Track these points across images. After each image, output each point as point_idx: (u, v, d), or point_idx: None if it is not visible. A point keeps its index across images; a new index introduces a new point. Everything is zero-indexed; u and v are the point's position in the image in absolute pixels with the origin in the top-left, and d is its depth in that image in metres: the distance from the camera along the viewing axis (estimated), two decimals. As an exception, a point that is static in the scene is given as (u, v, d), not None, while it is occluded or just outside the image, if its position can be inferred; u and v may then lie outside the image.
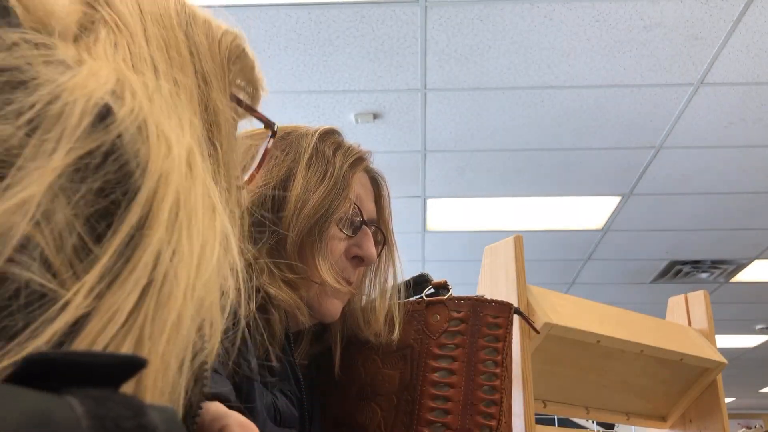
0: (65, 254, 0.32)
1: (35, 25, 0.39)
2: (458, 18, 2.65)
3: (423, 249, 4.91)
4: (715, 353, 1.47)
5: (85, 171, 0.33)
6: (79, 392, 0.27)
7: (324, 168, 0.88)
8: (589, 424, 5.44)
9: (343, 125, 3.41)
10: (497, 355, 0.86)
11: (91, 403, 0.27)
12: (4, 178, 0.30)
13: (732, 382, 9.35)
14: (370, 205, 0.96)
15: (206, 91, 0.48)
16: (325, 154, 0.90)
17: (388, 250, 0.99)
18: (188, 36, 0.49)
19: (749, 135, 3.42)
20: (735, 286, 5.55)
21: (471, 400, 0.83)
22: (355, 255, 0.91)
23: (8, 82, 0.32)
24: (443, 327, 0.88)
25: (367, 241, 0.91)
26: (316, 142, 0.90)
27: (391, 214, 1.00)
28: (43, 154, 0.31)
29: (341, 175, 0.89)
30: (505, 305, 0.90)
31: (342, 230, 0.90)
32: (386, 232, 0.99)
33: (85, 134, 0.33)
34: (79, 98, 0.34)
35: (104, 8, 0.44)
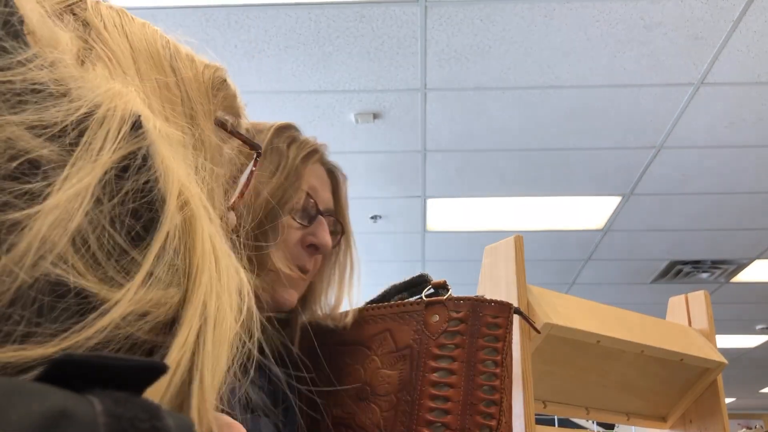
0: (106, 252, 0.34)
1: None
2: (458, 18, 2.64)
3: (423, 249, 4.92)
4: (715, 353, 1.47)
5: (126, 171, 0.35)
6: (101, 393, 0.28)
7: (277, 161, 0.92)
8: (589, 424, 5.45)
9: (343, 125, 3.43)
10: (497, 355, 0.86)
11: (111, 403, 0.28)
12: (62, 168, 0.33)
13: (732, 382, 9.35)
14: (326, 195, 0.99)
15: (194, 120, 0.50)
16: (278, 148, 0.94)
17: (346, 240, 1.03)
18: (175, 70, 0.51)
19: (749, 135, 3.42)
20: (735, 286, 5.55)
21: (471, 400, 0.83)
22: (310, 243, 0.94)
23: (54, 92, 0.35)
24: (443, 327, 0.88)
25: (321, 230, 0.95)
26: (270, 137, 0.94)
27: (347, 205, 1.04)
28: (92, 152, 0.34)
29: (294, 167, 0.92)
30: (504, 305, 0.90)
31: (296, 220, 0.93)
32: (344, 222, 1.02)
33: (126, 137, 0.36)
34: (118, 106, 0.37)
35: (98, 44, 0.45)
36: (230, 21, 2.66)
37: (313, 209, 0.96)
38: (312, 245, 0.94)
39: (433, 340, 0.87)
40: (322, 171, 1.00)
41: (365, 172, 3.83)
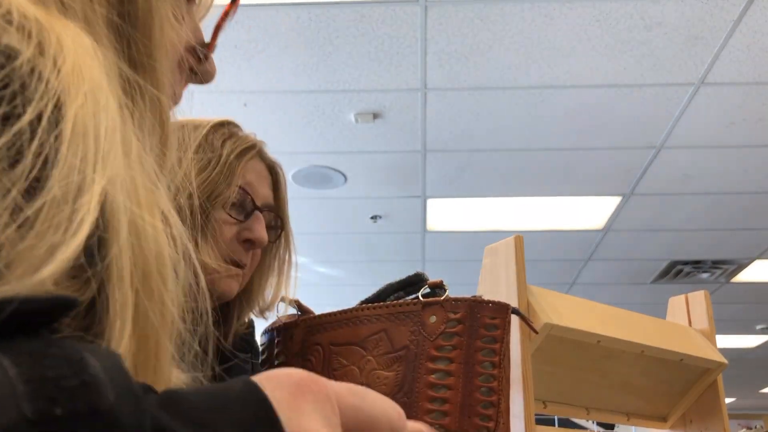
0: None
1: None
2: (458, 18, 2.64)
3: (423, 249, 4.91)
4: (715, 353, 1.47)
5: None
6: (8, 347, 0.25)
7: (209, 157, 0.93)
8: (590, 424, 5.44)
9: (343, 125, 3.43)
10: (495, 357, 0.86)
11: (26, 362, 0.24)
12: None
13: (732, 382, 9.35)
14: (265, 191, 1.00)
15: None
16: (213, 144, 0.95)
17: (286, 235, 1.05)
18: None
19: (749, 135, 3.41)
20: (735, 287, 5.55)
21: (468, 402, 0.83)
22: (246, 239, 0.95)
23: None
24: (440, 328, 0.87)
25: (257, 225, 0.96)
26: (206, 134, 0.96)
27: (287, 201, 1.05)
28: None
29: (226, 163, 0.93)
30: (502, 306, 0.89)
31: (231, 215, 0.94)
32: (283, 217, 1.04)
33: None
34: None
35: None
36: (230, 21, 2.65)
37: (250, 205, 0.96)
38: (248, 240, 0.95)
39: (430, 342, 0.87)
40: (261, 167, 1.01)
41: (365, 172, 3.83)
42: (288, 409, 0.29)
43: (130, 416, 0.25)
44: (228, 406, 0.28)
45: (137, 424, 0.25)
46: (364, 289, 1.06)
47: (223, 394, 0.29)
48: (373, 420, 0.33)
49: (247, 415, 0.28)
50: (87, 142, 0.33)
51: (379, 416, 0.33)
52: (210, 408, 0.28)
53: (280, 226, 1.03)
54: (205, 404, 0.28)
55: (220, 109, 3.23)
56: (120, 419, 0.25)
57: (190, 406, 0.27)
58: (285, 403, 0.29)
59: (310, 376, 0.32)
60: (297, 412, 0.29)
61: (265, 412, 0.28)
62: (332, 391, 0.32)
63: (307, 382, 0.31)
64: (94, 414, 0.24)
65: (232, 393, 0.29)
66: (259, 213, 0.97)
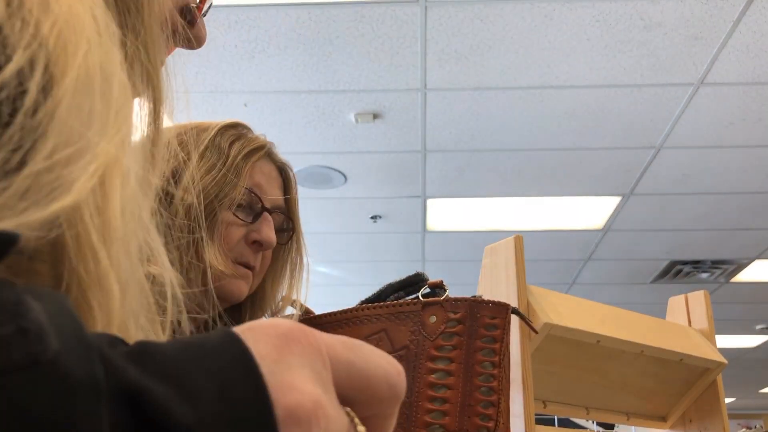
0: None
1: None
2: (458, 18, 2.64)
3: (423, 249, 4.91)
4: (715, 353, 1.47)
5: None
6: None
7: (216, 158, 0.92)
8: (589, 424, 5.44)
9: (343, 125, 3.43)
10: (494, 356, 0.86)
11: None
12: None
13: (732, 382, 9.35)
14: (274, 192, 0.99)
15: None
16: (220, 146, 0.94)
17: (297, 237, 1.03)
18: None
19: (749, 135, 3.41)
20: (735, 286, 5.55)
21: (468, 402, 0.83)
22: (254, 240, 0.95)
23: None
24: (440, 328, 0.87)
25: (265, 227, 0.95)
26: (213, 136, 0.95)
27: (298, 202, 1.04)
28: None
29: (233, 164, 0.93)
30: (502, 306, 0.90)
31: (238, 217, 0.93)
32: (294, 219, 1.03)
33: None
34: None
35: None
36: (230, 21, 2.65)
37: (258, 206, 0.96)
38: (255, 242, 0.95)
39: (430, 342, 0.87)
40: (271, 168, 1.00)
41: (365, 172, 3.83)
42: (271, 362, 0.26)
43: (80, 367, 0.22)
44: (204, 357, 0.25)
45: (88, 376, 0.22)
46: (364, 289, 1.06)
47: (200, 345, 0.26)
48: (369, 376, 0.30)
49: (224, 368, 0.25)
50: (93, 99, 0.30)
51: (376, 373, 0.30)
52: (183, 360, 0.25)
53: (291, 228, 1.02)
54: (178, 356, 0.25)
55: (219, 108, 3.23)
56: (66, 371, 0.21)
57: (162, 358, 0.25)
58: (268, 355, 0.26)
59: (299, 326, 0.28)
60: (281, 365, 0.26)
61: (245, 365, 0.25)
62: (323, 343, 0.29)
63: (295, 332, 0.28)
64: (34, 365, 0.21)
65: (208, 344, 0.26)
66: (267, 214, 0.96)
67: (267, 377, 0.25)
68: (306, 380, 0.26)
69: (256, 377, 0.25)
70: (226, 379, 0.25)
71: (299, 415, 0.25)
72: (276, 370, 0.26)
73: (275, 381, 0.26)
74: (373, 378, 0.30)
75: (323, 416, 0.26)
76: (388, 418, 0.31)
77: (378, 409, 0.30)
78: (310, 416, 0.25)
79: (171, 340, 0.26)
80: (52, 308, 0.23)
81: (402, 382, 0.31)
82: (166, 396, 0.23)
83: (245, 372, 0.25)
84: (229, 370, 0.25)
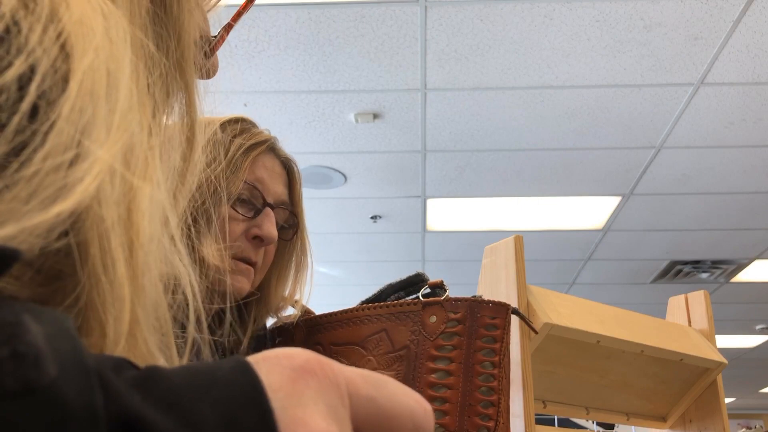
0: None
1: None
2: (458, 18, 2.64)
3: (423, 249, 4.91)
4: (715, 353, 1.47)
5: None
6: None
7: (215, 153, 0.91)
8: (589, 424, 5.45)
9: (343, 125, 3.43)
10: (495, 356, 0.86)
11: None
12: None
13: (732, 382, 9.35)
14: (277, 187, 0.97)
15: None
16: (220, 140, 0.92)
17: (300, 233, 1.01)
18: None
19: (749, 135, 3.41)
20: (735, 286, 5.55)
21: (468, 402, 0.83)
22: (254, 235, 0.93)
23: None
24: (441, 328, 0.87)
25: (267, 222, 0.93)
26: (215, 130, 0.93)
27: (302, 197, 1.02)
28: None
29: (233, 158, 0.91)
30: (502, 306, 0.90)
31: (238, 212, 0.92)
32: (298, 214, 1.01)
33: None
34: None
35: None
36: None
37: (259, 201, 0.94)
38: (256, 237, 0.93)
39: (431, 341, 0.87)
40: (275, 163, 0.98)
41: (365, 172, 3.83)
42: (284, 396, 0.25)
43: (77, 395, 0.21)
44: (212, 387, 0.24)
45: (85, 405, 0.21)
46: (364, 289, 1.06)
47: (209, 373, 0.24)
48: (392, 416, 0.27)
49: (232, 399, 0.24)
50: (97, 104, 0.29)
51: (400, 411, 0.27)
52: (190, 388, 0.24)
53: (295, 225, 1.01)
54: (186, 384, 0.24)
55: (219, 108, 3.23)
56: (62, 399, 0.20)
57: (168, 385, 0.23)
58: (280, 388, 0.25)
59: (316, 358, 0.27)
60: (294, 399, 0.25)
61: (254, 397, 0.24)
62: (342, 377, 0.27)
63: (312, 364, 0.26)
64: (29, 393, 0.20)
65: (219, 373, 0.25)
66: (269, 209, 0.94)
67: (277, 412, 0.24)
68: (320, 416, 0.25)
69: (264, 411, 0.24)
70: (232, 411, 0.23)
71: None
72: (288, 404, 0.25)
73: (286, 416, 0.24)
74: (396, 418, 0.27)
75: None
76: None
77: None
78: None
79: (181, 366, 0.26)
80: (51, 329, 0.22)
81: (429, 422, 0.29)
82: (166, 426, 0.22)
83: (254, 405, 0.24)
84: (237, 402, 0.24)
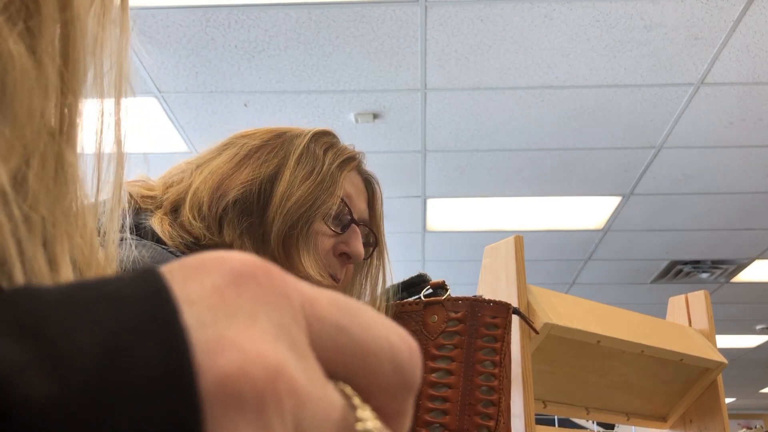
0: None
1: None
2: (458, 18, 2.64)
3: (423, 249, 4.91)
4: (715, 353, 1.47)
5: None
6: None
7: (312, 165, 0.90)
8: (589, 424, 5.44)
9: (343, 125, 3.43)
10: (495, 356, 0.86)
11: None
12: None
13: (732, 382, 9.35)
14: (361, 205, 0.97)
15: None
16: (315, 152, 0.92)
17: (379, 253, 1.00)
18: None
19: (749, 135, 3.41)
20: (735, 286, 5.55)
21: (469, 401, 0.83)
22: (342, 252, 0.92)
23: None
24: (441, 328, 0.88)
25: (355, 239, 0.92)
26: (307, 142, 0.93)
27: (383, 217, 1.01)
28: None
29: (329, 172, 0.90)
30: (503, 305, 0.90)
31: (329, 227, 0.90)
32: (378, 233, 1.00)
33: None
34: None
35: None
36: (230, 21, 2.65)
37: (347, 217, 0.93)
38: (344, 254, 0.92)
39: (431, 341, 0.87)
40: (359, 180, 0.98)
41: (365, 172, 3.83)
42: (204, 309, 0.18)
43: None
44: (97, 302, 0.17)
45: None
46: (365, 289, 1.05)
47: (100, 286, 0.18)
48: (367, 351, 0.20)
49: (125, 317, 0.17)
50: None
51: (378, 346, 0.20)
52: (65, 306, 0.17)
53: (373, 243, 0.99)
54: (60, 301, 0.17)
55: (219, 108, 3.24)
56: None
57: (33, 305, 0.17)
58: (201, 299, 0.18)
59: (260, 261, 0.19)
60: (220, 313, 0.18)
61: (156, 313, 0.17)
62: (297, 292, 0.19)
63: (250, 267, 0.19)
64: None
65: (113, 285, 0.18)
66: (355, 226, 0.94)
67: (193, 331, 0.17)
68: (260, 334, 0.18)
69: (171, 331, 0.17)
70: (121, 335, 0.16)
71: (242, 389, 0.16)
72: (210, 320, 0.17)
73: (206, 337, 0.17)
74: (372, 355, 0.20)
75: (287, 391, 0.17)
76: (395, 418, 0.21)
77: (380, 400, 0.20)
78: (262, 390, 0.17)
79: (71, 281, 0.19)
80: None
81: (414, 364, 0.21)
82: (15, 360, 0.15)
83: (155, 323, 0.17)
84: (131, 321, 0.17)
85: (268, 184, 0.87)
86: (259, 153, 0.90)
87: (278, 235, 0.85)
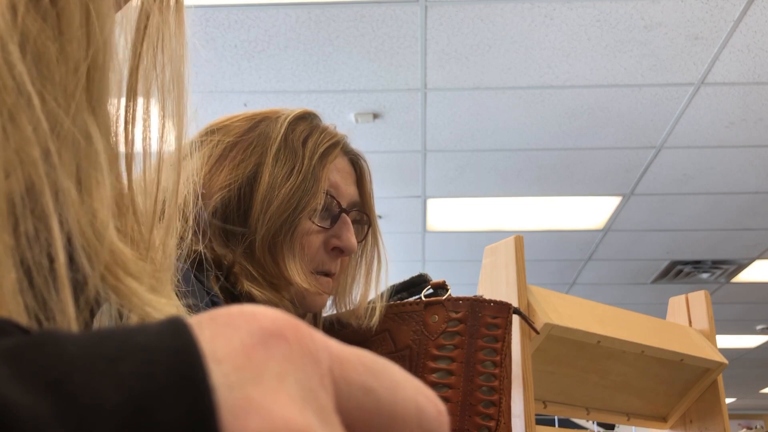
0: None
1: None
2: (458, 18, 2.64)
3: (423, 249, 4.91)
4: (715, 353, 1.47)
5: None
6: None
7: (292, 162, 0.85)
8: (590, 424, 5.44)
9: (343, 125, 3.41)
10: (496, 356, 0.86)
11: None
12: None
13: (733, 382, 9.35)
14: (350, 189, 0.92)
15: None
16: (293, 146, 0.86)
17: (373, 233, 0.97)
18: None
19: (749, 135, 3.41)
20: (736, 287, 5.55)
21: (469, 401, 0.83)
22: (334, 246, 0.88)
23: None
24: (441, 328, 0.87)
25: (346, 231, 0.89)
26: (285, 132, 0.86)
27: (373, 194, 0.97)
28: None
29: (311, 169, 0.85)
30: (503, 305, 0.90)
31: (317, 224, 0.87)
32: (370, 213, 0.96)
33: None
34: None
35: None
36: (230, 21, 2.65)
37: (336, 209, 0.89)
38: (336, 248, 0.88)
39: (432, 341, 0.87)
40: (344, 162, 0.93)
41: (365, 172, 3.83)
42: (232, 369, 0.17)
43: None
44: (124, 357, 0.16)
45: None
46: (364, 290, 1.05)
47: (126, 338, 0.17)
48: (394, 416, 0.20)
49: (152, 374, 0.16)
50: None
51: (405, 410, 0.20)
52: (90, 359, 0.16)
53: (366, 222, 0.96)
54: (84, 353, 0.16)
55: (219, 108, 3.23)
56: None
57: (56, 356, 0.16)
58: (228, 358, 0.17)
59: (290, 319, 0.19)
60: (248, 374, 0.17)
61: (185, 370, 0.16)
62: (326, 352, 0.19)
63: (281, 326, 0.18)
64: None
65: (139, 337, 0.17)
66: (346, 216, 0.90)
67: (220, 392, 0.17)
68: (287, 399, 0.17)
69: (198, 391, 0.16)
70: (146, 393, 0.16)
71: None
72: (237, 381, 0.17)
73: (233, 398, 0.17)
74: (399, 418, 0.20)
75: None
76: None
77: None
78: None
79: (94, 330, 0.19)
80: None
81: (442, 428, 0.21)
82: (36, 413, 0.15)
83: (183, 381, 0.16)
84: (158, 378, 0.16)
85: (247, 187, 0.83)
86: (235, 152, 0.85)
87: (263, 243, 0.81)
